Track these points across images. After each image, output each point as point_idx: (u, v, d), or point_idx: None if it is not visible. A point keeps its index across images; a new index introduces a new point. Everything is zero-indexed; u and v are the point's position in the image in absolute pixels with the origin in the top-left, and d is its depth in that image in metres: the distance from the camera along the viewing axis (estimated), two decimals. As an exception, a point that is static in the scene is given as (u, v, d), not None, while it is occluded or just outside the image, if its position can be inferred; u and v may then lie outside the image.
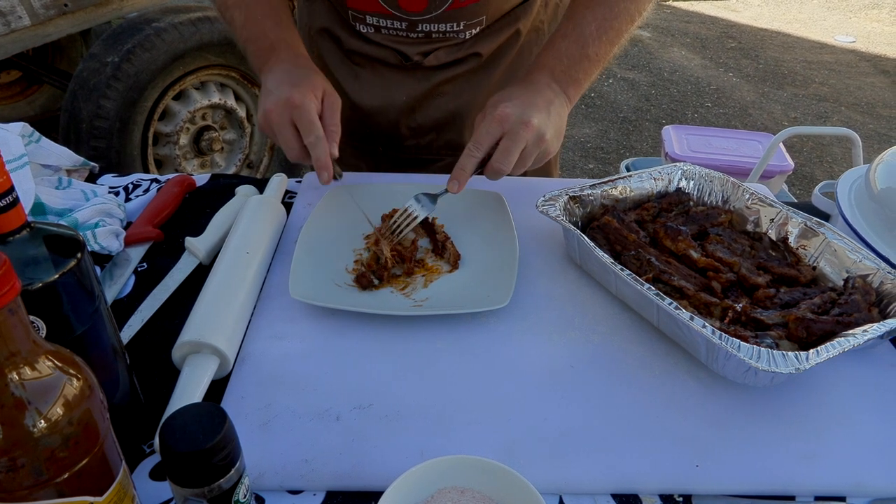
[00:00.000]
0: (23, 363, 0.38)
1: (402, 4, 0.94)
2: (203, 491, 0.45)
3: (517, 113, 0.78)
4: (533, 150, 0.80)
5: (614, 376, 0.67)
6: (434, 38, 0.99)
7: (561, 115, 0.84)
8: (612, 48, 0.87)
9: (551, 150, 0.83)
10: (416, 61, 1.02)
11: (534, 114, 0.79)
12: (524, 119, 0.78)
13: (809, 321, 0.66)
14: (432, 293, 0.76)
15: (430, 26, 0.97)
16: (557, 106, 0.83)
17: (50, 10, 2.02)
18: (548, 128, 0.80)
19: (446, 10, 0.95)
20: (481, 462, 0.52)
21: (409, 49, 1.01)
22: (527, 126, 0.78)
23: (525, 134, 0.78)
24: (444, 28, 0.97)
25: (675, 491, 0.57)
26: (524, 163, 0.81)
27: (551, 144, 0.82)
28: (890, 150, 0.86)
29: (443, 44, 1.00)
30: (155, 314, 0.74)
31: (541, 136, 0.79)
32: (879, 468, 0.59)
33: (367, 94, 1.06)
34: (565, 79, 0.85)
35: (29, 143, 0.90)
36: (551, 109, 0.82)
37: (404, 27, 0.97)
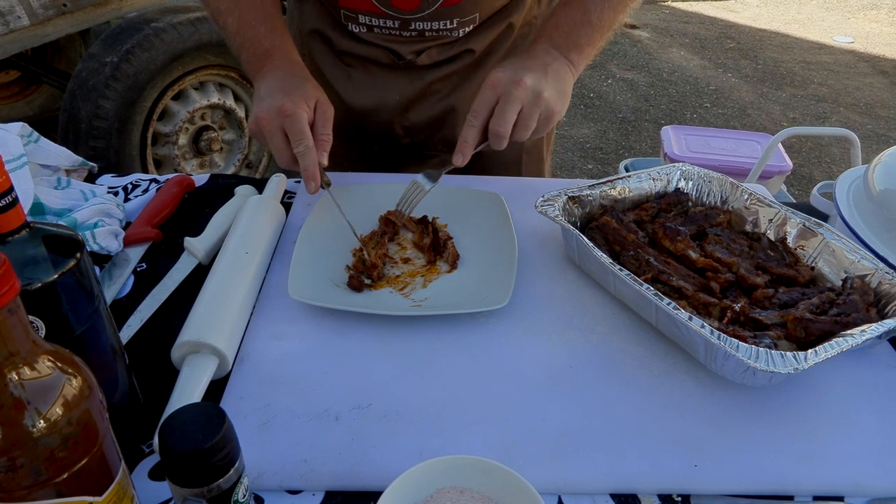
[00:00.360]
0: (22, 363, 0.38)
1: (395, 3, 0.94)
2: (202, 491, 0.45)
3: (508, 75, 0.77)
4: (532, 109, 0.78)
5: (613, 376, 0.67)
6: (427, 36, 0.99)
7: (561, 77, 0.82)
8: (616, 15, 0.86)
9: (555, 111, 0.80)
10: (408, 60, 1.01)
11: (526, 73, 0.77)
12: (515, 79, 0.77)
13: (808, 321, 0.66)
14: (431, 293, 0.76)
15: (423, 24, 0.96)
16: (556, 68, 0.81)
17: (49, 10, 2.02)
18: (544, 86, 0.78)
19: (439, 7, 0.94)
20: (480, 462, 0.52)
21: (401, 48, 1.00)
22: (518, 84, 0.76)
23: (518, 93, 0.76)
24: (437, 26, 0.97)
25: (673, 491, 0.57)
26: (526, 124, 0.79)
27: (553, 103, 0.79)
28: (888, 151, 0.86)
29: (435, 42, 1.00)
30: (154, 314, 0.74)
31: (537, 94, 0.77)
32: (877, 468, 0.59)
33: (359, 94, 1.06)
34: (566, 43, 0.84)
35: (28, 143, 0.90)
36: (548, 70, 0.80)
37: (397, 26, 0.97)
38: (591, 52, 0.86)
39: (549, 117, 0.80)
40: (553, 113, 0.80)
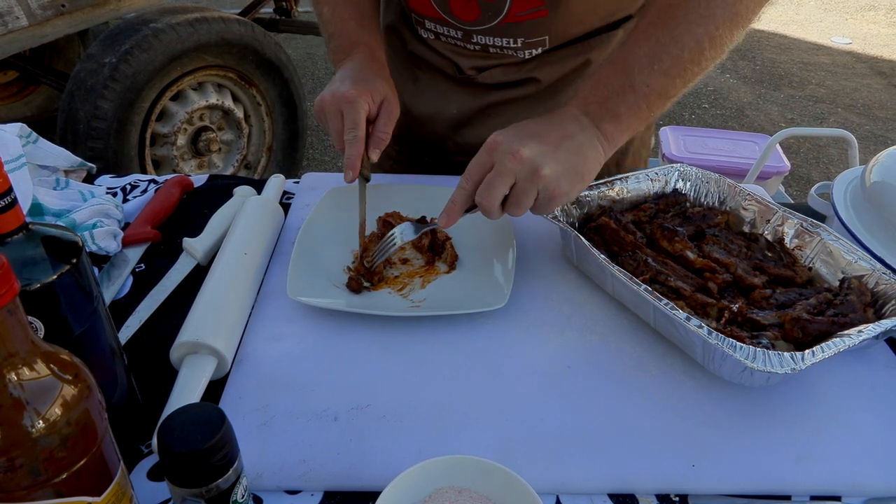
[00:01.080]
0: (21, 364, 0.38)
1: (454, 12, 0.91)
2: (201, 491, 0.45)
3: (507, 141, 0.68)
4: (527, 186, 0.67)
5: (611, 377, 0.67)
6: (491, 52, 0.95)
7: (580, 153, 0.70)
8: (670, 81, 0.71)
9: (556, 192, 0.68)
10: (469, 75, 0.99)
11: (528, 144, 0.67)
12: (513, 149, 0.66)
13: (805, 322, 0.66)
14: (430, 294, 0.76)
15: (485, 39, 0.93)
16: (579, 142, 0.70)
17: (47, 10, 2.02)
18: (547, 162, 0.67)
19: (500, 22, 0.89)
20: (479, 462, 0.53)
21: (464, 62, 0.98)
22: (514, 156, 0.66)
23: (512, 166, 0.66)
24: (500, 43, 0.93)
25: (671, 491, 0.57)
26: (517, 201, 0.69)
27: (554, 184, 0.68)
28: (885, 152, 0.87)
29: (500, 61, 0.96)
30: (153, 315, 0.74)
31: (534, 171, 0.66)
32: (875, 468, 0.59)
33: (420, 100, 1.04)
34: (600, 111, 0.72)
35: (27, 143, 0.90)
36: (563, 143, 0.69)
37: (460, 36, 0.94)
38: (633, 124, 0.73)
39: (549, 198, 0.69)
40: (554, 195, 0.69)
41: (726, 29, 0.70)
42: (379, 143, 0.81)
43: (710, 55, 0.71)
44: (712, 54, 0.71)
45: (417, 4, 0.94)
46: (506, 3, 0.87)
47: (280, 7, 3.52)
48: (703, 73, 0.73)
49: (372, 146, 0.80)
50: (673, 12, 0.70)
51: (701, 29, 0.69)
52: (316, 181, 0.98)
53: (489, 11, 0.88)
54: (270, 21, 3.33)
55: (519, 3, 0.87)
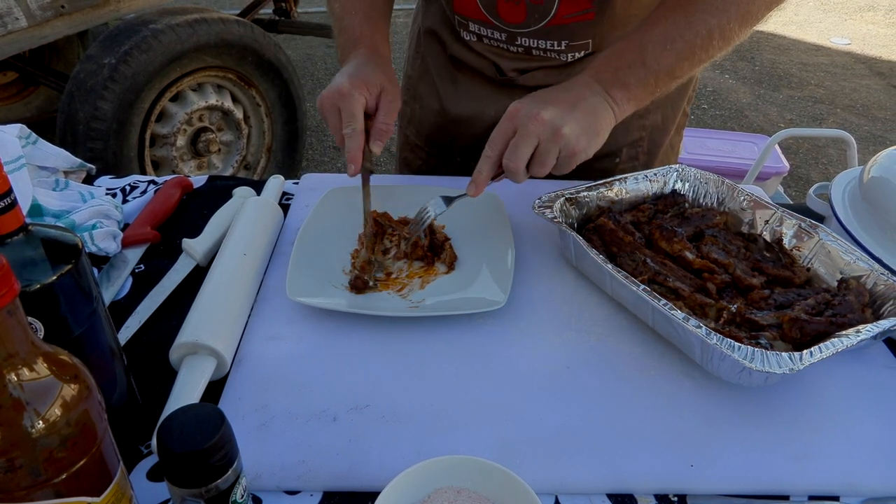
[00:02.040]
0: (21, 364, 0.38)
1: (501, 14, 0.92)
2: (200, 491, 0.45)
3: (526, 107, 0.73)
4: (549, 146, 0.72)
5: (610, 377, 0.67)
6: (534, 55, 0.96)
7: (594, 113, 0.75)
8: (679, 62, 0.76)
9: (576, 149, 0.74)
10: (510, 77, 0.99)
11: (547, 107, 0.72)
12: (533, 113, 0.72)
13: (803, 322, 0.66)
14: (429, 295, 0.76)
15: (529, 41, 0.93)
16: (591, 104, 0.75)
17: (47, 11, 2.02)
18: (566, 122, 0.72)
19: (546, 25, 0.90)
20: (478, 462, 0.53)
21: (506, 63, 0.98)
22: (535, 119, 0.72)
23: (534, 128, 0.72)
24: (544, 45, 0.93)
25: (669, 491, 0.58)
26: (542, 160, 0.74)
27: (574, 141, 0.73)
28: (884, 152, 0.87)
29: (543, 63, 0.96)
30: (152, 316, 0.75)
31: (555, 131, 0.72)
32: (872, 468, 0.59)
33: (459, 102, 1.05)
34: (611, 80, 0.77)
35: (26, 144, 0.90)
36: (578, 105, 0.74)
37: (504, 39, 0.95)
38: (640, 95, 0.78)
39: (570, 155, 0.74)
40: (575, 151, 0.74)
41: (737, 24, 0.76)
42: (381, 134, 0.82)
43: (718, 45, 0.76)
44: (720, 45, 0.77)
45: (462, 7, 0.95)
46: (553, 5, 0.87)
47: (279, 8, 3.52)
48: (709, 61, 0.78)
49: (373, 138, 0.81)
50: (691, 1, 0.76)
51: (714, 20, 0.75)
52: (315, 182, 0.98)
53: (536, 13, 0.89)
54: (270, 22, 3.33)
55: (567, 5, 0.88)
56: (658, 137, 1.07)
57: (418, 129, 1.14)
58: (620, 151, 1.04)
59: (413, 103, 1.14)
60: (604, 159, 1.04)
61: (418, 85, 1.12)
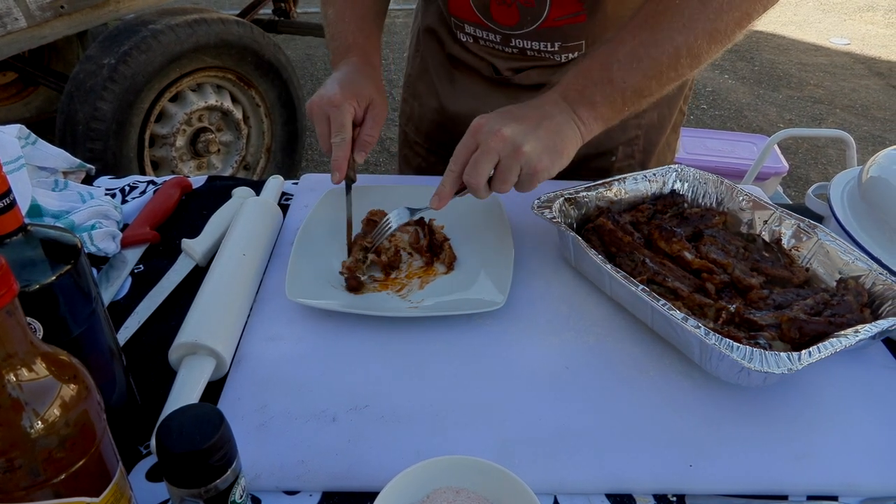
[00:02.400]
0: (20, 365, 0.38)
1: (495, 16, 0.93)
2: (199, 491, 0.45)
3: (489, 123, 0.73)
4: (509, 163, 0.72)
5: (609, 377, 0.67)
6: (529, 55, 0.97)
7: (559, 132, 0.74)
8: (646, 81, 0.75)
9: (538, 168, 0.73)
10: (505, 76, 1.00)
11: (509, 124, 0.72)
12: (495, 129, 0.72)
13: (802, 322, 0.66)
14: (428, 295, 0.76)
15: (524, 43, 0.94)
16: (557, 122, 0.74)
17: (46, 11, 2.02)
18: (527, 140, 0.71)
19: (539, 27, 0.91)
20: (477, 462, 0.53)
21: (501, 63, 0.99)
22: (496, 136, 0.71)
23: (495, 144, 0.71)
24: (538, 47, 0.94)
25: (668, 491, 0.58)
26: (503, 178, 0.73)
27: (535, 160, 0.72)
28: (882, 153, 0.87)
29: (537, 63, 0.97)
30: (151, 316, 0.75)
31: (516, 148, 0.71)
32: (871, 468, 0.59)
33: (456, 100, 1.06)
34: (578, 98, 0.76)
35: (25, 145, 0.91)
36: (543, 123, 0.73)
37: (499, 40, 0.96)
38: (607, 114, 0.77)
39: (531, 174, 0.73)
40: (536, 170, 0.73)
41: (704, 42, 0.74)
42: (365, 146, 0.85)
43: (686, 63, 0.75)
44: (689, 62, 0.75)
45: (458, 9, 0.96)
46: (545, 9, 0.89)
47: (279, 8, 3.53)
48: (679, 80, 0.77)
49: (357, 149, 0.85)
50: (659, 18, 0.74)
51: (681, 37, 0.73)
52: (314, 182, 0.99)
53: (528, 16, 0.91)
54: (269, 22, 3.34)
55: (558, 8, 0.89)
56: (654, 136, 1.07)
57: (417, 127, 1.15)
58: (616, 150, 1.05)
59: (412, 101, 1.15)
60: (599, 157, 1.05)
61: (417, 83, 1.13)
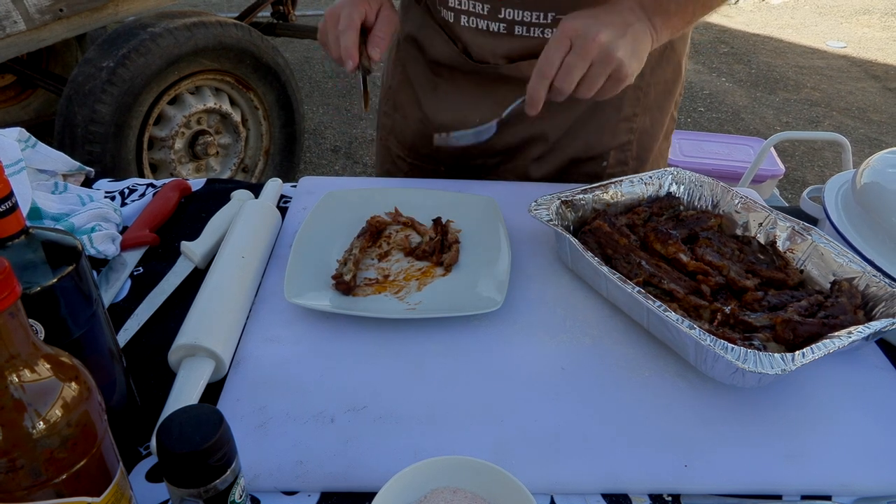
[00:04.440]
0: (22, 366, 0.39)
1: None
2: (199, 491, 0.46)
3: (584, 27, 0.74)
4: (601, 69, 0.75)
5: (605, 378, 0.68)
6: (517, 33, 0.93)
7: (640, 39, 0.77)
8: None
9: (626, 73, 0.76)
10: (493, 65, 0.96)
11: (603, 29, 0.74)
12: (591, 34, 0.73)
13: (796, 323, 0.67)
14: (426, 297, 0.77)
15: (514, 13, 0.91)
16: (637, 30, 0.77)
17: (45, 15, 2.03)
18: (619, 46, 0.74)
19: None
20: (473, 462, 0.53)
21: (487, 48, 0.95)
22: (593, 41, 0.73)
23: (591, 49, 0.73)
24: (529, 18, 0.91)
25: (664, 491, 0.58)
26: (592, 83, 0.76)
27: (625, 66, 0.75)
28: (876, 155, 0.88)
29: (526, 46, 0.93)
30: (151, 318, 0.75)
31: (609, 54, 0.73)
32: (865, 468, 0.60)
33: (442, 109, 1.04)
34: (654, 6, 0.79)
35: (25, 148, 0.91)
36: (628, 30, 0.75)
37: (486, 12, 0.92)
38: (678, 24, 0.81)
39: (619, 79, 0.76)
40: (625, 75, 0.76)
41: None
42: (378, 41, 0.86)
43: None
44: None
45: None
46: None
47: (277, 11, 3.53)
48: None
49: (371, 45, 0.86)
50: None
51: None
52: (313, 185, 0.99)
53: None
54: (268, 25, 3.34)
55: None
56: (647, 142, 1.06)
57: (400, 140, 1.13)
58: (608, 154, 1.04)
59: (394, 114, 1.12)
60: (591, 162, 1.04)
61: (398, 95, 1.10)
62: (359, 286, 0.78)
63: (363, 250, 0.82)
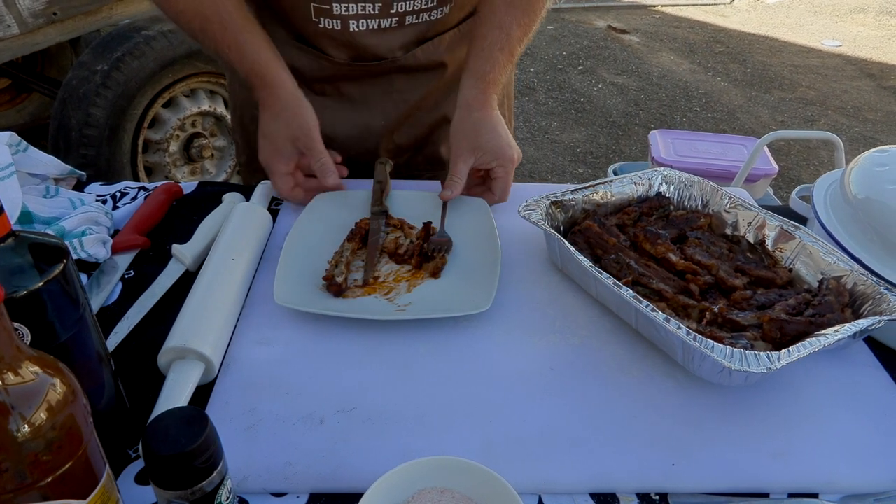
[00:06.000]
0: (6, 369, 0.39)
1: None
2: (186, 493, 0.46)
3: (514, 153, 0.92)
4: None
5: (594, 378, 0.68)
6: (408, 23, 0.96)
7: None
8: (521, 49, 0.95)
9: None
10: (395, 58, 0.99)
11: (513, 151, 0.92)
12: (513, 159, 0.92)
13: (783, 322, 0.67)
14: (415, 298, 0.77)
15: (404, 5, 0.94)
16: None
17: (39, 18, 2.03)
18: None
19: None
20: (461, 463, 0.53)
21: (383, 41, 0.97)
22: (512, 164, 0.92)
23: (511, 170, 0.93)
24: (417, 6, 0.95)
25: (651, 490, 0.58)
26: None
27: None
28: (865, 154, 0.88)
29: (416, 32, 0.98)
30: (141, 321, 0.75)
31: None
32: (851, 465, 0.60)
33: (341, 122, 1.03)
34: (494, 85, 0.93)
35: (16, 152, 0.91)
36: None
37: (377, 11, 0.93)
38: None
39: None
40: None
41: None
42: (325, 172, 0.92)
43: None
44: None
45: None
46: None
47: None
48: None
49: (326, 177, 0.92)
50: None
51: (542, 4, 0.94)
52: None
53: None
54: (263, 27, 3.34)
55: None
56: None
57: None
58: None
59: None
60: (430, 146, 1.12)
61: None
62: (349, 288, 0.78)
63: (354, 252, 0.83)
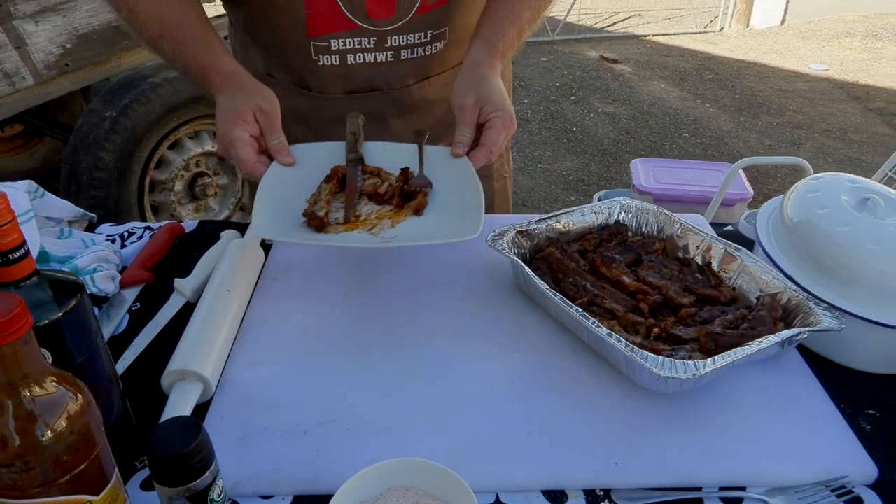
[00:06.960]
0: (34, 383, 0.47)
1: (371, 13, 0.94)
2: (182, 490, 0.54)
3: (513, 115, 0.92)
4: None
5: (550, 390, 0.76)
6: (403, 57, 1.01)
7: None
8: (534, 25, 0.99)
9: None
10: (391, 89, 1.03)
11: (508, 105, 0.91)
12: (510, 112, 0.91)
13: (717, 335, 0.75)
14: (400, 232, 0.80)
15: (399, 39, 0.98)
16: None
17: (52, 69, 2.16)
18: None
19: (414, 16, 0.96)
20: (424, 463, 0.61)
21: (382, 74, 1.01)
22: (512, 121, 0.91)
23: (512, 126, 0.91)
24: (413, 40, 0.99)
25: (596, 486, 0.66)
26: None
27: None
28: (801, 181, 0.96)
29: (413, 68, 1.02)
30: (147, 348, 0.83)
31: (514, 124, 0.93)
32: (775, 461, 0.67)
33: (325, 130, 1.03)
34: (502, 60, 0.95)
35: (34, 198, 1.01)
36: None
37: (373, 45, 0.97)
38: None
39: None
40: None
41: None
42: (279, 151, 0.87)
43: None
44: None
45: (322, 27, 0.95)
46: None
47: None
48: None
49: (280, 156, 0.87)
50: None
51: None
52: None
53: (405, 4, 0.97)
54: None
55: None
56: None
57: None
58: None
59: None
60: None
61: None
62: (330, 224, 0.79)
63: (332, 193, 0.84)
